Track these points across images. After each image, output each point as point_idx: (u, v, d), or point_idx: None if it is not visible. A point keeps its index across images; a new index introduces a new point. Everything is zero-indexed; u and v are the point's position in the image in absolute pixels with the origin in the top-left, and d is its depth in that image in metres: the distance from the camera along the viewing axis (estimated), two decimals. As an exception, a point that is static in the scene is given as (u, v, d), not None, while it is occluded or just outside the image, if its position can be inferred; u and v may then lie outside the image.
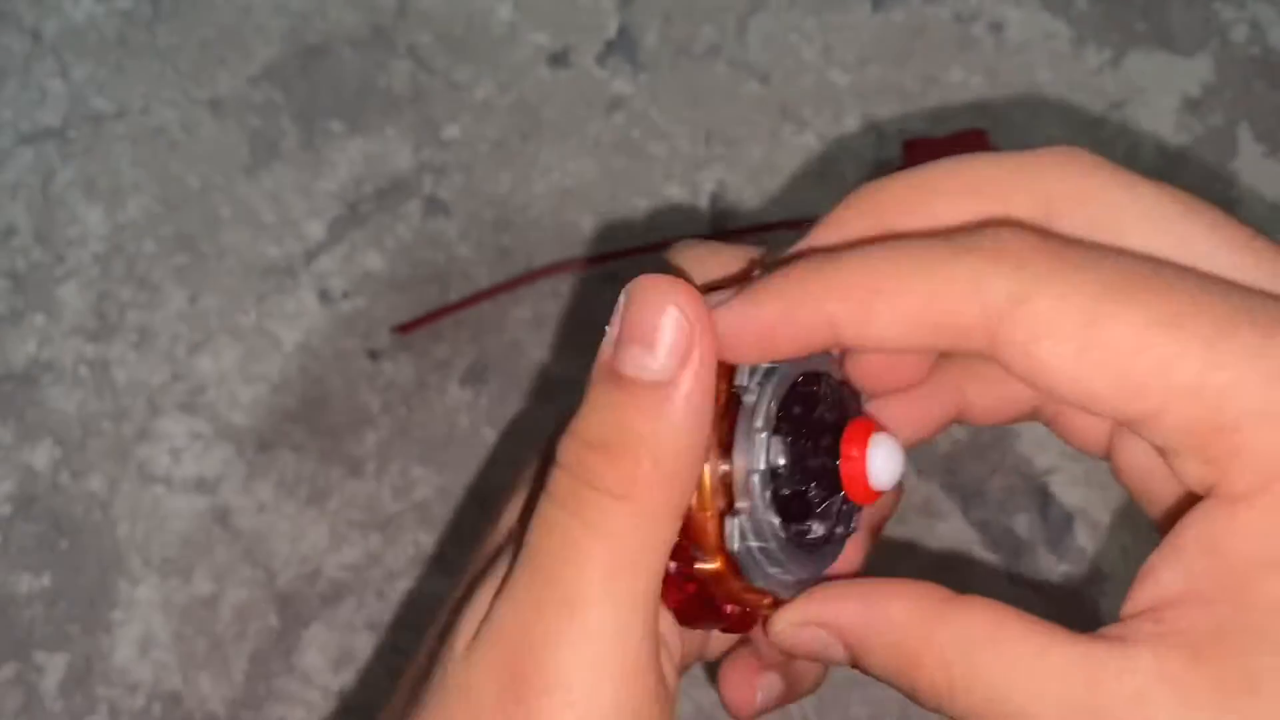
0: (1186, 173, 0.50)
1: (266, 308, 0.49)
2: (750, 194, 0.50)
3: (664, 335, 0.23)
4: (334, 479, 0.46)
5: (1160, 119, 0.51)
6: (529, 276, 0.48)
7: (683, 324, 0.23)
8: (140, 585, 0.45)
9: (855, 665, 0.25)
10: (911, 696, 0.24)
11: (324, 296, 0.49)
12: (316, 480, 0.46)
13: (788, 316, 0.24)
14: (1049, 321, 0.21)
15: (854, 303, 0.23)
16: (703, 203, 0.50)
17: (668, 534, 0.24)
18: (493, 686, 0.24)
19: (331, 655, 0.45)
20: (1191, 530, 0.22)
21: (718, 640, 0.31)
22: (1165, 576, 0.23)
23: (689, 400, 0.23)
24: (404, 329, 0.48)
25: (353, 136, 0.51)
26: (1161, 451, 0.23)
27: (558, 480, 0.24)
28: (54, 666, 0.45)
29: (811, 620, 0.25)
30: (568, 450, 0.24)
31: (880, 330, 0.23)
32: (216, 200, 0.50)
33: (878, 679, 0.25)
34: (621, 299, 0.24)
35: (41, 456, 0.47)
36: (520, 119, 0.51)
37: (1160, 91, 0.51)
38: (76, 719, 0.44)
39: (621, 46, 0.52)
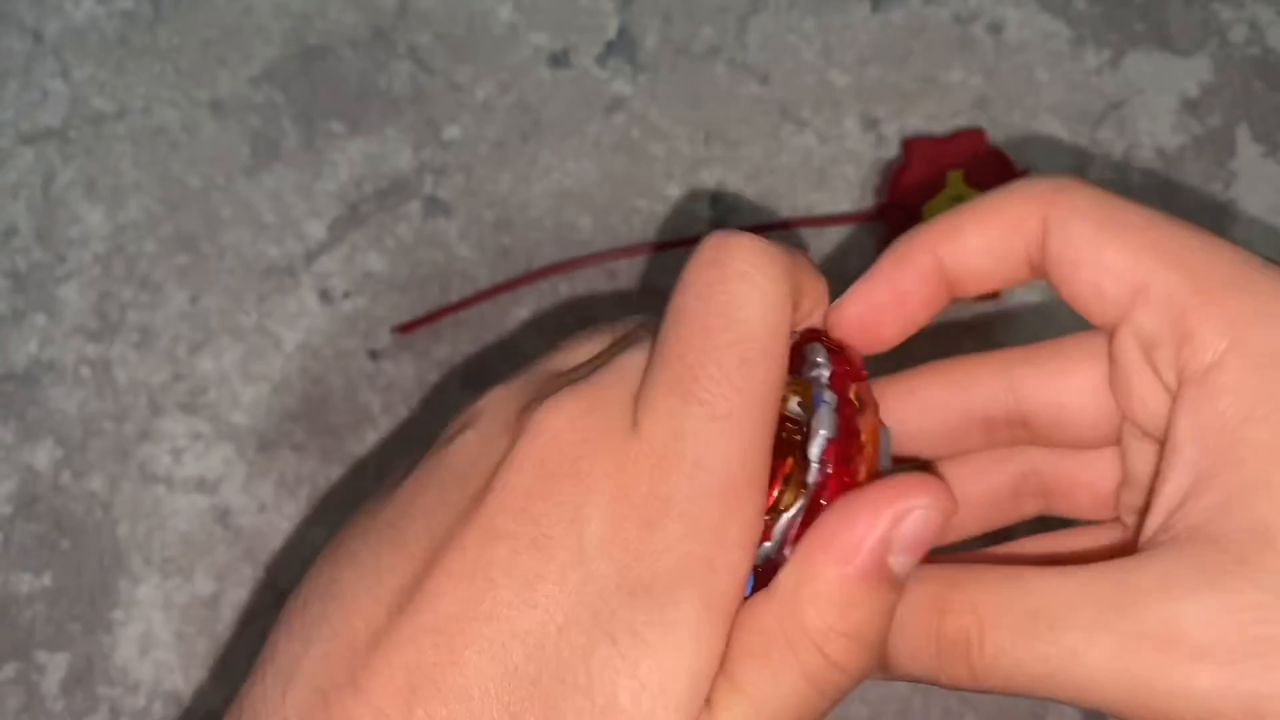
0: (1185, 173, 0.50)
1: (267, 308, 0.49)
2: (750, 194, 0.50)
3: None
4: (334, 479, 0.47)
5: (1159, 119, 0.51)
6: (529, 276, 0.48)
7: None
8: (141, 585, 0.45)
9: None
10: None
11: (324, 296, 0.49)
12: (317, 480, 0.47)
13: (905, 268, 0.28)
14: (1080, 204, 0.27)
15: (947, 233, 0.28)
16: (702, 203, 0.50)
17: None
18: None
19: (332, 655, 0.45)
20: (1178, 434, 0.24)
21: None
22: (1167, 489, 0.24)
23: None
24: (404, 329, 0.48)
25: (353, 137, 0.51)
26: (1145, 346, 0.26)
27: (829, 679, 0.26)
28: (55, 666, 0.45)
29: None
30: (843, 651, 0.26)
31: (971, 245, 0.28)
32: (217, 200, 0.50)
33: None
34: (919, 516, 0.25)
35: (43, 456, 0.47)
36: (520, 119, 0.51)
37: (1159, 92, 0.51)
38: (77, 718, 0.44)
39: (621, 46, 0.52)
